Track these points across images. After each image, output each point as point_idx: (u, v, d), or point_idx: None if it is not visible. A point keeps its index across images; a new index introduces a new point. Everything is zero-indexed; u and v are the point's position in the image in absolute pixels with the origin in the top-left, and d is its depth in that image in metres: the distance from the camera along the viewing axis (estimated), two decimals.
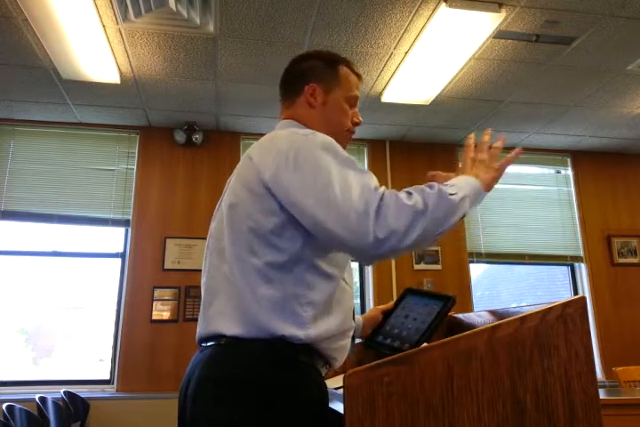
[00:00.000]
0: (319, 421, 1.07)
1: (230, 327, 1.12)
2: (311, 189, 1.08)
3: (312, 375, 1.12)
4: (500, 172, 1.24)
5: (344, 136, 1.36)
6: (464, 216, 1.14)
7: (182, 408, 1.16)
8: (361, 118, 1.40)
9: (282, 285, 1.11)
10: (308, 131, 1.23)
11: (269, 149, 1.18)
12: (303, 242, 1.13)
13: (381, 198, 1.05)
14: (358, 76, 1.40)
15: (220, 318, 1.15)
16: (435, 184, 1.13)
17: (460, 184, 1.15)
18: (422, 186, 1.13)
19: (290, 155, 1.13)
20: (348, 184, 1.07)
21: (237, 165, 1.29)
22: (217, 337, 1.14)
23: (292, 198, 1.10)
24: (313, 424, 1.06)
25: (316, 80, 1.34)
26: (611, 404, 2.13)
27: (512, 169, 5.09)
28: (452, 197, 1.10)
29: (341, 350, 1.20)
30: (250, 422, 1.03)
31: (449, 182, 1.16)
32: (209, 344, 1.16)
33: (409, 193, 1.10)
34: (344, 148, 1.35)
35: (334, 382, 1.23)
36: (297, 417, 1.05)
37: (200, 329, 1.21)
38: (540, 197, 5.02)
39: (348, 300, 1.23)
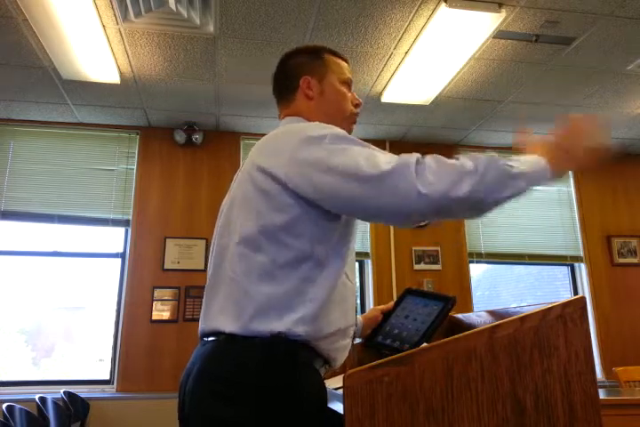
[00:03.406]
0: (315, 421, 1.07)
1: (229, 324, 1.12)
2: (341, 175, 1.07)
3: (310, 375, 1.11)
4: (580, 162, 1.15)
5: (349, 120, 1.38)
6: (520, 194, 1.07)
7: (182, 402, 1.17)
8: (360, 99, 1.41)
9: (285, 282, 1.11)
10: (315, 122, 1.24)
11: (278, 145, 1.18)
12: (310, 239, 1.13)
13: (418, 160, 1.05)
14: (345, 60, 1.42)
15: (220, 314, 1.15)
16: (492, 154, 1.08)
17: (523, 161, 1.10)
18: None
19: (303, 149, 1.12)
20: (374, 159, 1.07)
21: (244, 164, 1.29)
22: (217, 333, 1.14)
23: (319, 186, 1.09)
24: (308, 424, 1.06)
25: (307, 73, 1.36)
26: (611, 404, 2.13)
27: None
28: (508, 167, 1.05)
29: (341, 351, 1.20)
30: (244, 419, 1.04)
31: (513, 157, 1.10)
32: (209, 340, 1.17)
33: (457, 158, 1.08)
34: (349, 132, 1.35)
35: (334, 383, 1.23)
36: (292, 417, 1.05)
37: (201, 324, 1.22)
38: (539, 197, 5.02)
39: (350, 296, 1.23)
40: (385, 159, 1.06)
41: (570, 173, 1.20)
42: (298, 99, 1.36)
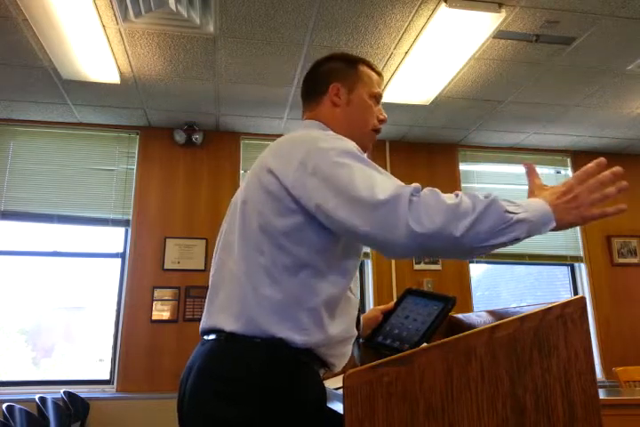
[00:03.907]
0: (316, 421, 1.07)
1: (230, 323, 1.12)
2: (334, 189, 1.05)
3: (308, 376, 1.12)
4: (586, 219, 1.06)
5: (370, 134, 1.37)
6: (517, 241, 1.01)
7: (181, 401, 1.17)
8: (386, 115, 1.39)
9: (286, 287, 1.11)
10: (330, 133, 1.24)
11: (290, 151, 1.17)
12: (309, 247, 1.12)
13: (413, 193, 1.00)
14: (379, 74, 1.41)
15: (221, 313, 1.15)
16: (493, 195, 1.01)
17: (526, 206, 1.03)
18: (487, 193, 1.03)
19: (310, 158, 1.11)
20: (372, 182, 1.03)
21: (255, 163, 1.28)
22: (217, 332, 1.15)
23: (315, 201, 1.08)
24: (310, 424, 1.06)
25: (339, 80, 1.35)
26: (611, 404, 2.13)
27: (512, 169, 5.10)
28: (508, 214, 0.99)
29: (341, 357, 1.19)
30: (248, 419, 1.03)
31: (515, 201, 1.03)
32: (210, 338, 1.17)
33: (457, 195, 1.02)
34: (368, 147, 1.36)
35: (334, 383, 1.23)
36: (295, 417, 1.05)
37: (203, 322, 1.22)
38: None
39: (352, 309, 1.22)
40: (383, 186, 1.02)
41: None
42: (323, 104, 1.36)
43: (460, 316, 1.60)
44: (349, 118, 1.34)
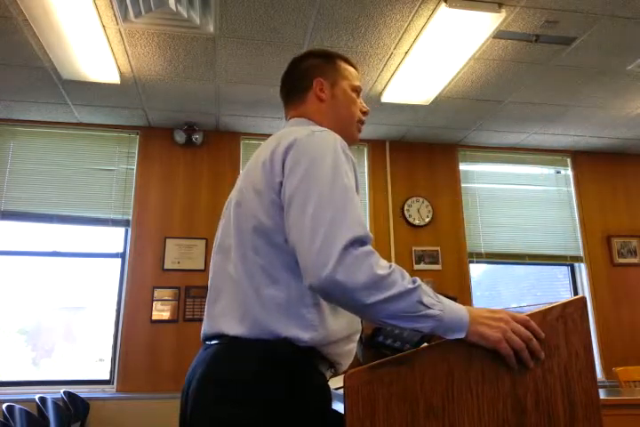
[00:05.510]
0: (321, 422, 1.07)
1: (233, 327, 1.12)
2: (304, 206, 1.06)
3: (313, 378, 1.11)
4: (505, 335, 0.98)
5: (357, 126, 1.39)
6: (417, 331, 1.00)
7: (184, 406, 1.16)
8: (367, 107, 1.43)
9: (287, 285, 1.11)
10: (318, 128, 1.23)
11: (280, 151, 1.16)
12: None
13: (356, 243, 1.02)
14: (356, 68, 1.44)
15: (224, 317, 1.15)
16: (420, 281, 1.01)
17: (446, 306, 1.00)
18: (415, 278, 1.02)
19: (301, 163, 1.11)
20: (339, 218, 1.03)
21: (248, 163, 1.29)
22: (220, 336, 1.14)
23: (287, 208, 1.09)
24: (315, 425, 1.06)
25: (320, 75, 1.37)
26: (611, 404, 2.13)
27: (512, 169, 5.10)
28: (420, 305, 0.98)
29: (346, 355, 1.19)
30: (252, 420, 1.03)
31: (441, 297, 1.02)
32: (212, 343, 1.16)
33: (390, 266, 1.02)
34: (357, 137, 1.39)
35: (335, 383, 1.23)
36: (300, 418, 1.04)
37: (204, 328, 1.21)
38: (539, 197, 5.02)
39: None
40: (344, 229, 1.02)
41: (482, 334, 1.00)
42: (308, 100, 1.36)
43: None
44: (336, 112, 1.36)
